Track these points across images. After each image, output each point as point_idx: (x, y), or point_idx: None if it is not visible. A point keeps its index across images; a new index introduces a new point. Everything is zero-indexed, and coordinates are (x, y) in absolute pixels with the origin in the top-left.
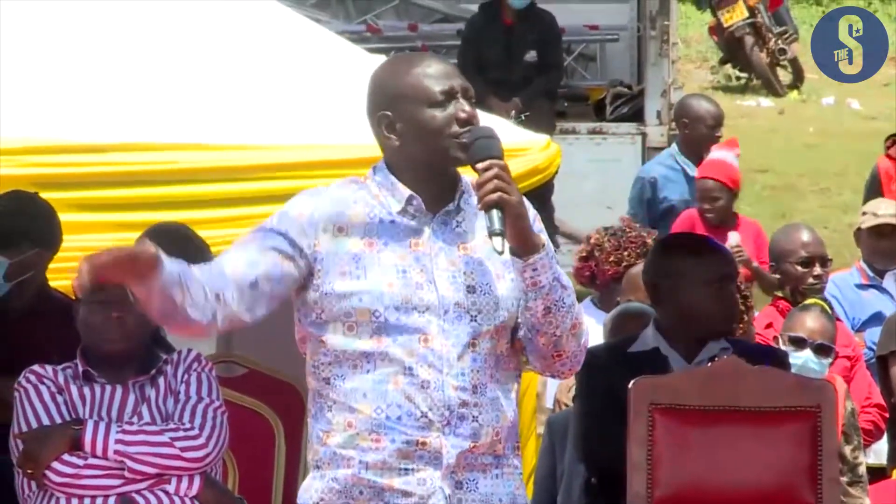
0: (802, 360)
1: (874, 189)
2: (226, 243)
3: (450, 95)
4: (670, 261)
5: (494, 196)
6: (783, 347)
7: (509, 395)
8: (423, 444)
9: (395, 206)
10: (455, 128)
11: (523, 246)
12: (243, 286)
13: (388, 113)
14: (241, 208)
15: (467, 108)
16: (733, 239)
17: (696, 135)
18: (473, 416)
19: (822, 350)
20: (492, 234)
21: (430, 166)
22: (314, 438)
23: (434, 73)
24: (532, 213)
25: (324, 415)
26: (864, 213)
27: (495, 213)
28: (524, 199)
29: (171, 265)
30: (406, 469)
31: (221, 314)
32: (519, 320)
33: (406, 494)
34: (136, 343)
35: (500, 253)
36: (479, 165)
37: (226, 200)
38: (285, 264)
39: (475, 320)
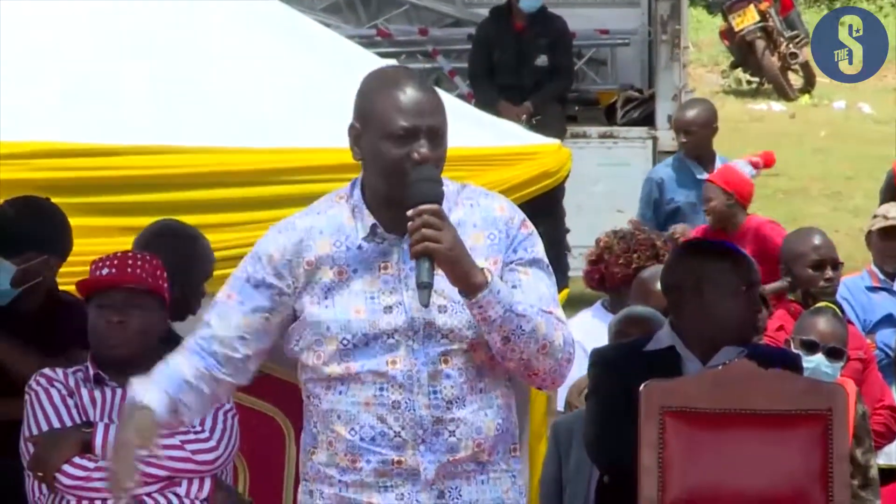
0: (815, 363)
1: (889, 193)
2: (234, 247)
3: (411, 134)
4: (695, 265)
5: (420, 247)
6: (795, 351)
7: (496, 401)
8: (399, 462)
9: (361, 231)
10: (407, 167)
11: (464, 287)
12: (237, 364)
13: (357, 126)
14: (249, 212)
15: (423, 150)
16: (679, 228)
17: (688, 143)
18: (450, 432)
19: (834, 353)
20: (417, 285)
21: (385, 195)
22: (302, 450)
23: (405, 106)
24: (517, 230)
25: (310, 430)
26: (874, 216)
27: (425, 262)
28: (460, 243)
29: (163, 402)
30: (385, 486)
31: (224, 395)
32: None
33: None
34: (139, 348)
35: (425, 306)
36: (410, 212)
37: (235, 204)
38: (271, 320)
39: (447, 338)
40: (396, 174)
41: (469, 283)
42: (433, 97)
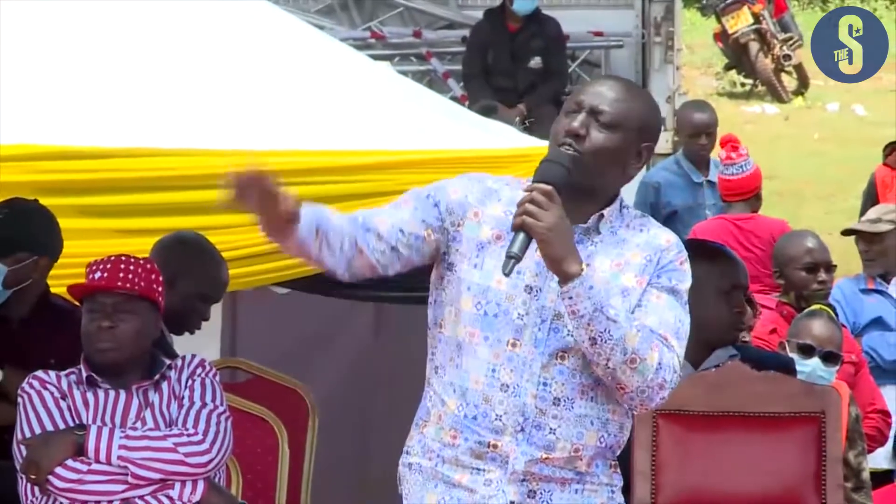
0: (811, 368)
1: (871, 198)
2: (231, 249)
3: (578, 107)
4: None
5: (518, 220)
6: (790, 354)
7: (606, 414)
8: (495, 446)
9: None
10: (560, 137)
11: (555, 272)
12: (386, 246)
13: None
14: (240, 214)
15: (574, 123)
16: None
17: (687, 146)
18: (551, 428)
19: (829, 358)
20: (506, 254)
21: None
22: (414, 425)
23: (587, 88)
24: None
25: (425, 404)
26: (860, 221)
27: (520, 235)
28: (563, 227)
29: (309, 217)
30: (477, 469)
31: (358, 263)
32: None
33: (471, 491)
34: (129, 353)
35: (507, 275)
36: (525, 187)
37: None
38: (428, 236)
39: (571, 335)
40: (554, 144)
41: (561, 268)
42: (620, 94)
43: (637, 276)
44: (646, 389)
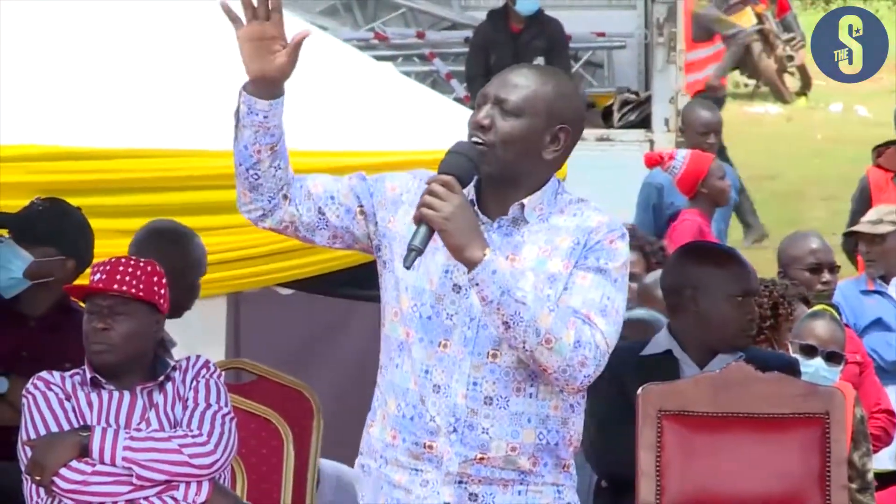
0: (814, 368)
1: (863, 201)
2: (235, 249)
3: (484, 99)
4: (693, 270)
5: (417, 212)
6: (793, 355)
7: (546, 411)
8: (430, 447)
9: None
10: (470, 130)
11: (460, 261)
12: (313, 205)
13: None
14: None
15: (479, 114)
16: None
17: (691, 142)
18: (483, 428)
19: (832, 358)
20: (407, 247)
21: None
22: (365, 425)
23: (495, 77)
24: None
25: (373, 404)
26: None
27: (421, 228)
28: (462, 216)
29: (281, 126)
30: (415, 469)
31: (279, 213)
32: None
33: (408, 492)
34: (124, 354)
35: (407, 268)
36: (426, 179)
37: (229, 207)
38: (359, 214)
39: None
40: (468, 138)
41: (464, 255)
42: (524, 79)
43: (564, 261)
44: (567, 368)
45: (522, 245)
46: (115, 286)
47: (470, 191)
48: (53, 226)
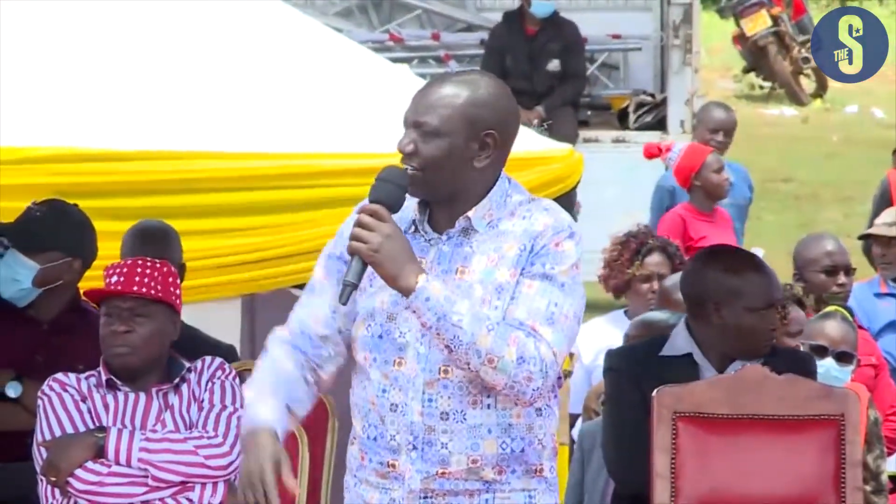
0: (825, 368)
1: (885, 203)
2: (250, 251)
3: (406, 123)
4: (715, 281)
5: (349, 245)
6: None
7: (507, 420)
8: (393, 465)
9: (407, 225)
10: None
11: (394, 288)
12: (331, 342)
13: None
14: (259, 217)
15: (403, 140)
16: None
17: (699, 139)
18: (442, 443)
19: (843, 357)
20: (342, 282)
21: None
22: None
23: (411, 101)
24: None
25: (352, 424)
26: (875, 225)
27: (354, 260)
28: (391, 245)
29: (282, 414)
30: (383, 487)
31: (324, 377)
32: None
33: None
34: (146, 356)
35: (343, 304)
36: (355, 208)
37: (244, 209)
38: (354, 293)
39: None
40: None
41: (397, 284)
42: (439, 95)
43: (510, 269)
44: (514, 385)
45: (472, 256)
46: (135, 288)
47: (414, 210)
48: (54, 229)
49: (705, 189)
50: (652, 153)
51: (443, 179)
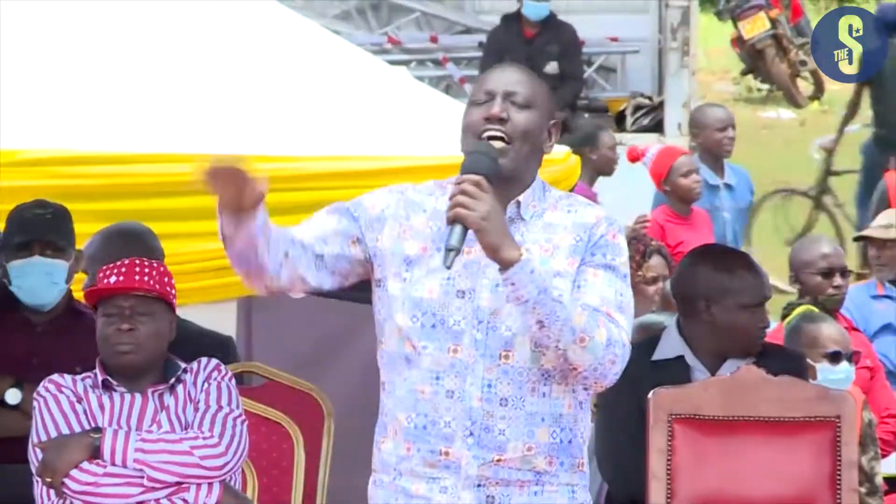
0: (844, 374)
1: (883, 205)
2: None
3: (490, 95)
4: (705, 279)
5: (451, 212)
6: (817, 365)
7: (560, 409)
8: (447, 453)
9: None
10: (480, 125)
11: (495, 261)
12: (310, 255)
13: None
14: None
15: (495, 108)
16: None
17: (709, 142)
18: (500, 429)
19: (851, 357)
20: (445, 247)
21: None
22: (374, 442)
23: (490, 77)
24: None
25: (381, 420)
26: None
27: (456, 227)
28: (497, 215)
29: (263, 215)
30: (432, 477)
31: (286, 271)
32: None
33: (427, 500)
34: (149, 355)
35: (448, 268)
36: (453, 179)
37: None
38: (351, 247)
39: (510, 330)
40: (472, 135)
41: (500, 255)
42: (524, 75)
43: (568, 258)
44: (598, 367)
45: (522, 244)
46: (137, 285)
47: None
48: (66, 229)
49: (676, 193)
50: (634, 157)
51: (525, 153)
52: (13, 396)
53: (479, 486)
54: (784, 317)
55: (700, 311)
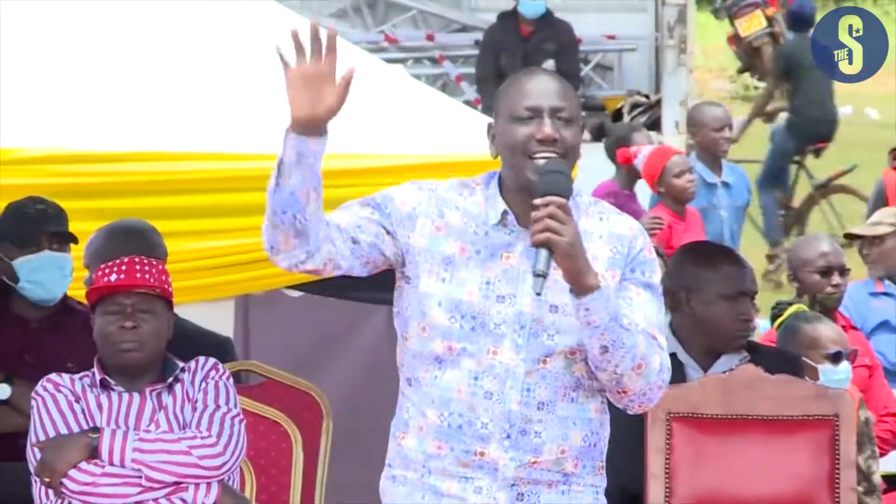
0: (845, 374)
1: (880, 203)
2: (244, 252)
3: (535, 112)
4: (688, 271)
5: (542, 236)
6: (818, 366)
7: (587, 414)
8: (482, 454)
9: (492, 217)
10: (532, 146)
11: (575, 285)
12: (347, 238)
13: (492, 123)
14: (252, 217)
15: (547, 129)
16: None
17: (707, 141)
18: (536, 432)
19: (850, 355)
20: (534, 272)
21: (515, 182)
22: (391, 437)
23: (529, 89)
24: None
25: (401, 415)
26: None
27: (543, 252)
28: (580, 240)
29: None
30: (465, 477)
31: (326, 248)
32: None
33: (461, 500)
34: (151, 353)
35: (538, 294)
36: (537, 201)
37: (238, 210)
38: (385, 238)
39: (552, 339)
40: (523, 156)
41: (581, 282)
42: (560, 84)
43: (608, 270)
44: (647, 392)
45: None
46: (140, 283)
47: (481, 204)
48: (65, 221)
49: (670, 194)
50: (625, 158)
51: (572, 168)
52: (2, 392)
53: (512, 485)
54: (774, 316)
55: (681, 303)
